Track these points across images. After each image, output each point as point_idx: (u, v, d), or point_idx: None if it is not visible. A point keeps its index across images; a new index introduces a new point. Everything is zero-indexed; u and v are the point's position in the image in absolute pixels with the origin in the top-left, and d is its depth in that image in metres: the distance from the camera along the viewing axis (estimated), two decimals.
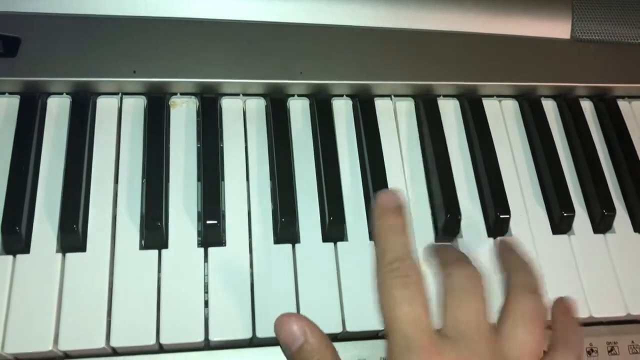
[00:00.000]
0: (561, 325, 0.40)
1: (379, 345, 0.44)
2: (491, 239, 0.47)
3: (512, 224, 0.47)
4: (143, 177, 0.45)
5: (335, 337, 0.43)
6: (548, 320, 0.40)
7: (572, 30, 0.53)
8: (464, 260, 0.39)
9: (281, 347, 0.37)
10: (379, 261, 0.38)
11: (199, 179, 0.45)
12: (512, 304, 0.38)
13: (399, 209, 0.39)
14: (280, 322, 0.37)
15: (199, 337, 0.40)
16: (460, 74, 0.51)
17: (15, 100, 0.46)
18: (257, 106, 0.49)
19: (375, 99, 0.50)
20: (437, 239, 0.46)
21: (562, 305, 0.41)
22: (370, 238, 0.45)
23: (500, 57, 0.52)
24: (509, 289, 0.39)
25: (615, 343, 0.46)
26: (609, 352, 0.46)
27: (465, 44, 0.52)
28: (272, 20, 0.49)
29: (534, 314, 0.37)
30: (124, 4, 0.47)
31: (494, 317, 0.37)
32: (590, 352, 0.46)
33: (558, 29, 0.53)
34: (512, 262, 0.41)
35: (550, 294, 0.45)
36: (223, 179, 0.45)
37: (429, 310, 0.36)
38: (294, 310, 0.42)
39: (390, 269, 0.36)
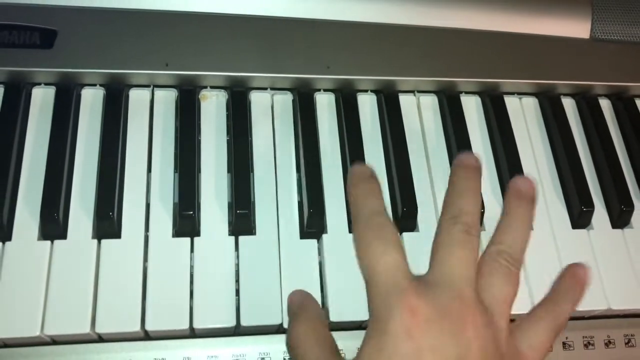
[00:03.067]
0: (557, 285, 0.41)
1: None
2: None
3: None
4: (175, 167, 0.46)
5: (359, 326, 0.44)
6: None
7: (592, 30, 0.54)
8: (465, 214, 0.39)
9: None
10: (354, 220, 0.39)
11: (229, 170, 0.46)
12: (489, 258, 0.38)
13: (372, 177, 0.41)
14: (290, 295, 0.41)
15: (231, 322, 0.41)
16: (482, 71, 0.52)
17: (51, 91, 0.47)
18: (284, 100, 0.50)
19: (400, 94, 0.51)
20: None
21: (573, 271, 0.41)
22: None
23: (521, 55, 0.53)
24: (490, 242, 0.40)
25: (632, 335, 0.47)
26: (626, 343, 0.47)
27: (487, 42, 0.53)
28: (300, 16, 0.50)
29: (508, 269, 0.38)
30: None
31: None
32: (607, 343, 0.47)
33: (578, 28, 0.54)
34: (503, 220, 0.41)
35: None
36: (252, 171, 0.47)
37: (405, 258, 0.37)
38: (320, 298, 0.43)
39: (366, 223, 0.38)
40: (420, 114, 0.51)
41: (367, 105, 0.51)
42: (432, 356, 0.33)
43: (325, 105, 0.51)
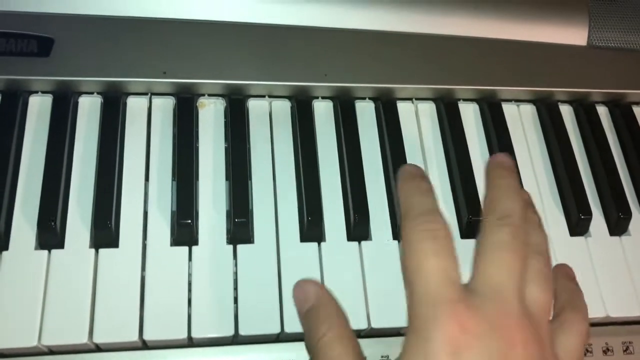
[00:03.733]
0: (566, 289, 0.40)
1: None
2: None
3: None
4: (173, 176, 0.46)
5: (359, 334, 0.44)
6: None
7: (589, 37, 0.55)
8: (514, 215, 0.36)
9: (296, 309, 0.37)
10: (404, 218, 0.36)
11: (227, 178, 0.46)
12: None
13: (424, 176, 0.38)
14: (299, 283, 0.37)
15: (229, 332, 0.41)
16: (479, 79, 0.52)
17: (48, 99, 0.47)
18: (282, 108, 0.50)
19: (398, 101, 0.51)
20: (460, 239, 0.47)
21: (564, 270, 0.41)
22: (394, 237, 0.46)
23: (518, 62, 0.53)
24: None
25: (630, 342, 0.47)
26: (624, 351, 0.47)
27: (485, 49, 0.53)
28: (297, 24, 0.50)
29: (545, 273, 0.36)
30: (154, 6, 0.48)
31: None
32: (606, 351, 0.47)
33: (575, 36, 0.55)
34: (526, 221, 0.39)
35: None
36: (251, 178, 0.47)
37: (457, 264, 0.33)
38: None
39: (417, 223, 0.34)
40: (418, 121, 0.52)
41: (366, 113, 0.51)
42: None
43: (323, 112, 0.50)
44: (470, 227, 0.47)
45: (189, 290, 0.42)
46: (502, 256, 0.34)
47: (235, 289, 0.42)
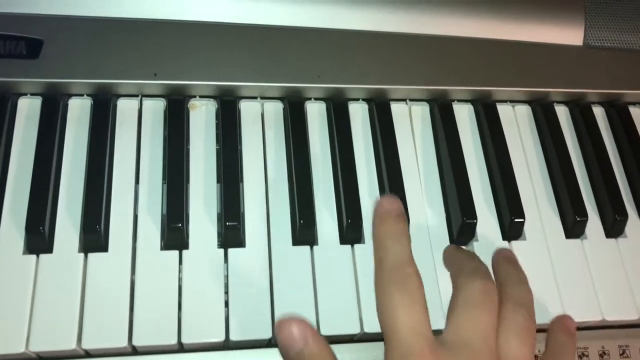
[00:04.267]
0: (557, 341, 0.42)
1: None
2: (505, 243, 0.47)
3: (526, 228, 0.48)
4: (164, 179, 0.45)
5: (351, 338, 0.43)
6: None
7: (585, 37, 0.54)
8: (480, 272, 0.39)
9: (280, 350, 0.36)
10: (378, 267, 0.38)
11: (218, 181, 0.46)
12: (506, 317, 0.38)
13: (399, 216, 0.40)
14: (281, 324, 0.36)
15: (220, 337, 0.41)
16: (474, 79, 0.51)
17: (37, 102, 0.46)
18: (274, 109, 0.50)
19: (391, 103, 0.51)
20: (452, 242, 0.47)
21: (565, 324, 0.43)
22: None
23: (513, 62, 0.52)
24: (503, 302, 0.39)
25: (627, 346, 0.47)
26: (620, 354, 0.47)
27: (479, 49, 0.52)
28: (290, 24, 0.49)
29: (527, 328, 0.38)
30: (145, 7, 0.48)
31: None
32: (602, 354, 0.47)
33: (571, 36, 0.54)
34: (509, 274, 0.42)
35: (564, 296, 0.46)
36: (242, 181, 0.46)
37: (427, 315, 0.36)
38: (313, 311, 0.42)
39: (390, 275, 0.37)
40: (412, 122, 0.51)
41: (359, 114, 0.51)
42: None
43: (315, 114, 0.50)
44: (465, 229, 0.46)
45: (179, 295, 0.41)
46: (471, 311, 0.37)
47: (226, 293, 0.42)
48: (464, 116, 0.52)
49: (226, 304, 0.42)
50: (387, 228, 0.39)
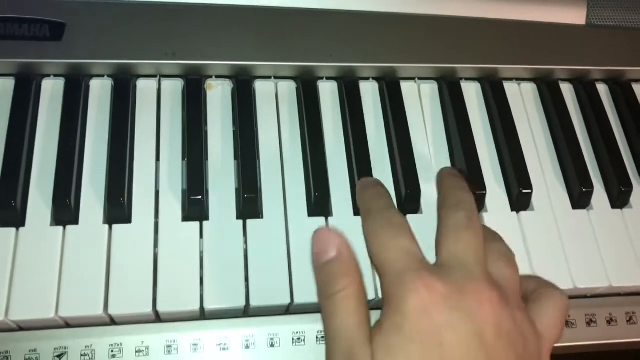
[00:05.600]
0: (532, 278, 0.42)
1: None
2: (514, 213, 0.49)
3: (534, 199, 0.49)
4: (183, 156, 0.47)
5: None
6: None
7: (588, 16, 0.56)
8: (463, 203, 0.40)
9: (312, 257, 0.38)
10: (364, 219, 0.40)
11: (235, 157, 0.47)
12: (489, 246, 0.39)
13: (379, 183, 0.43)
14: (319, 232, 0.38)
15: (240, 303, 0.42)
16: (481, 58, 0.53)
17: (60, 82, 0.48)
18: (288, 88, 0.51)
19: (401, 81, 0.52)
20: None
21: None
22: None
23: (519, 42, 0.54)
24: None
25: (634, 313, 0.48)
26: (627, 321, 0.48)
27: (485, 29, 0.54)
28: (303, 6, 0.51)
29: (512, 255, 0.40)
30: None
31: None
32: (609, 321, 0.48)
33: (574, 15, 0.56)
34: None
35: (572, 266, 0.47)
36: (258, 157, 0.48)
37: (417, 243, 0.37)
38: None
39: (375, 218, 0.39)
40: (421, 100, 0.53)
41: (369, 93, 0.52)
42: (451, 332, 0.33)
43: (328, 92, 0.52)
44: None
45: (201, 263, 0.43)
46: (461, 234, 0.38)
47: (246, 262, 0.43)
48: (472, 94, 0.54)
49: (246, 271, 0.43)
50: (367, 192, 0.42)
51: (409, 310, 0.33)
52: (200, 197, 0.44)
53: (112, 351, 0.42)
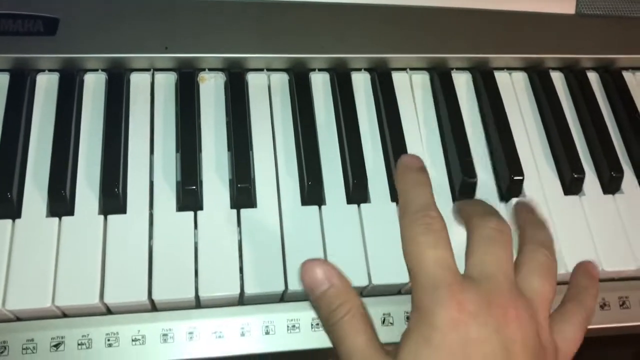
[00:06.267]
0: (578, 284, 0.43)
1: (402, 301, 0.46)
2: (503, 203, 0.49)
3: (525, 187, 0.49)
4: (177, 148, 0.47)
5: (360, 293, 0.45)
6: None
7: (577, 5, 0.56)
8: (492, 213, 0.40)
9: (305, 291, 0.38)
10: (403, 213, 0.39)
11: (229, 149, 0.48)
12: (527, 256, 0.40)
13: (422, 168, 0.41)
14: (306, 266, 0.38)
15: (235, 291, 0.43)
16: (472, 48, 0.53)
17: (55, 77, 0.49)
18: (280, 80, 0.52)
19: (392, 72, 0.53)
20: (454, 201, 0.48)
21: (584, 267, 0.44)
22: (392, 199, 0.47)
23: (509, 32, 0.54)
24: (524, 242, 0.41)
25: (626, 297, 0.49)
26: (620, 305, 0.48)
27: (476, 20, 0.54)
28: None
29: (548, 266, 0.40)
30: None
31: None
32: (602, 305, 0.48)
33: (563, 4, 0.56)
34: (529, 219, 0.43)
35: (565, 252, 0.47)
36: (252, 149, 0.48)
37: (452, 253, 0.37)
38: None
39: (414, 218, 0.38)
40: (413, 90, 0.53)
41: (361, 84, 0.53)
42: (478, 347, 0.34)
43: (320, 84, 0.52)
44: (465, 188, 0.48)
45: (196, 252, 0.43)
46: (490, 247, 0.38)
47: (240, 250, 0.44)
48: (463, 84, 0.54)
49: (240, 260, 0.44)
50: (410, 177, 0.40)
51: (439, 325, 0.35)
52: (194, 187, 0.45)
53: (109, 340, 0.42)
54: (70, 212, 0.44)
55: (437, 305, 0.35)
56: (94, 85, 0.49)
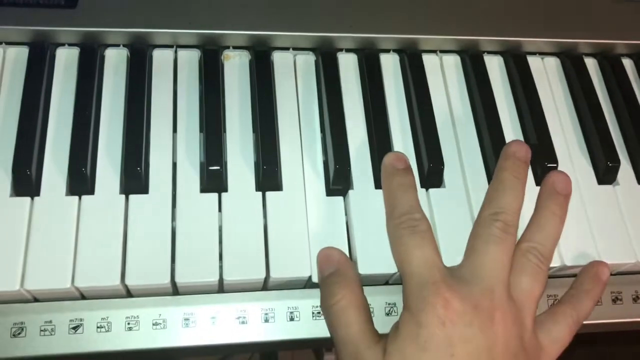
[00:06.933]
0: (579, 286, 0.43)
1: None
2: (538, 188, 0.47)
3: None
4: (201, 127, 0.46)
5: (387, 282, 0.44)
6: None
7: None
8: (506, 211, 0.40)
9: (317, 270, 0.41)
10: (389, 215, 0.41)
11: (254, 130, 0.46)
12: (520, 255, 0.40)
13: (406, 169, 0.42)
14: (322, 250, 0.41)
15: (261, 275, 0.41)
16: (504, 30, 0.52)
17: (74, 52, 0.47)
18: (306, 60, 0.50)
19: (422, 54, 0.51)
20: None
21: (594, 270, 0.43)
22: (422, 186, 0.46)
23: (542, 14, 0.53)
24: (522, 240, 0.41)
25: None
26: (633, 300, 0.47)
27: (509, 2, 0.53)
28: None
29: (538, 267, 0.40)
30: None
31: None
32: (636, 299, 0.47)
33: None
34: (535, 216, 0.43)
35: (598, 240, 0.46)
36: (277, 130, 0.46)
37: (438, 252, 0.39)
38: (348, 249, 0.43)
39: (400, 222, 0.40)
40: (444, 73, 0.51)
41: (390, 65, 0.51)
42: (463, 345, 0.36)
43: (348, 65, 0.50)
44: None
45: (220, 235, 0.42)
46: (489, 248, 0.39)
47: (265, 234, 0.42)
48: (495, 67, 0.52)
49: (265, 244, 0.42)
50: (395, 180, 0.42)
51: (425, 322, 0.36)
52: (219, 167, 0.43)
53: (129, 323, 0.41)
54: (91, 191, 0.42)
55: (424, 304, 0.36)
56: (115, 61, 0.48)
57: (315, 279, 0.42)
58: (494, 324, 0.37)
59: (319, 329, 0.42)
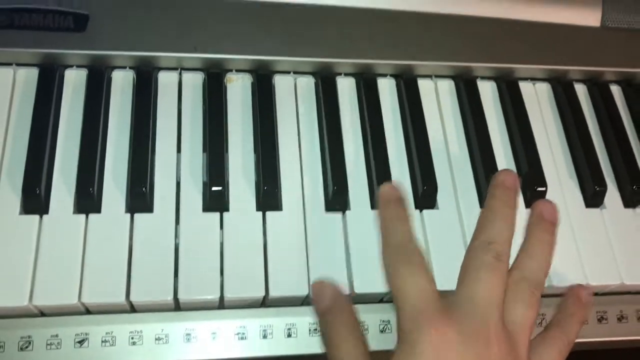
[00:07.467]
0: (566, 310, 0.43)
1: None
2: (529, 210, 0.49)
3: (547, 198, 0.50)
4: (204, 148, 0.47)
5: (381, 299, 0.45)
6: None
7: (602, 18, 0.56)
8: (498, 241, 0.40)
9: (312, 303, 0.41)
10: (384, 245, 0.41)
11: (255, 151, 0.48)
12: (513, 283, 0.40)
13: (401, 200, 0.42)
14: (315, 283, 0.42)
15: (259, 292, 0.43)
16: (497, 57, 0.54)
17: (83, 73, 0.49)
18: (307, 84, 0.52)
19: (418, 79, 0.53)
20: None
21: (577, 294, 0.43)
22: (416, 207, 0.47)
23: (534, 42, 0.55)
24: (514, 267, 0.41)
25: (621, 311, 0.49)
26: (638, 319, 0.49)
27: (501, 29, 0.54)
28: (323, 3, 0.52)
29: (532, 295, 0.40)
30: None
31: None
32: (620, 318, 0.49)
33: (589, 17, 0.56)
34: (524, 245, 0.42)
35: (586, 265, 0.48)
36: (278, 151, 0.48)
37: (433, 282, 0.39)
38: (345, 269, 0.45)
39: (395, 251, 0.40)
40: (438, 97, 0.53)
41: (387, 89, 0.53)
42: None
43: (346, 88, 0.52)
44: None
45: (221, 253, 0.43)
46: (481, 277, 0.39)
47: (265, 252, 0.44)
48: (487, 92, 0.54)
49: (265, 262, 0.44)
50: (390, 211, 0.42)
51: (420, 352, 0.36)
52: (221, 188, 0.45)
53: (132, 338, 0.42)
54: (98, 210, 0.44)
55: (419, 334, 0.36)
56: (122, 83, 0.49)
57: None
58: (490, 353, 0.36)
59: (316, 345, 0.44)
